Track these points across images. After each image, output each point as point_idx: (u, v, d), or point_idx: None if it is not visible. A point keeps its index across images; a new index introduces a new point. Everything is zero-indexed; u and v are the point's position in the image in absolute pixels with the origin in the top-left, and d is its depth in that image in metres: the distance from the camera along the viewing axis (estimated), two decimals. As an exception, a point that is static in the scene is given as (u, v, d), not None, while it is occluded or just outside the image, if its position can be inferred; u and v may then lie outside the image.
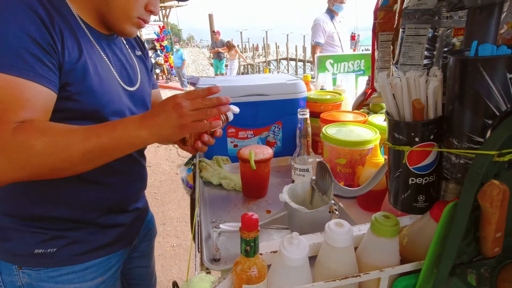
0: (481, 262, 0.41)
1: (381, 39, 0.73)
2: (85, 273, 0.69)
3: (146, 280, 0.97)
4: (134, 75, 0.74)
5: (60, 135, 0.49)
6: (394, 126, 0.49)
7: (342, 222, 0.47)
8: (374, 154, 0.76)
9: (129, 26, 0.65)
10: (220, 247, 0.65)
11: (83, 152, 0.49)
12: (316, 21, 2.60)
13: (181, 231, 2.49)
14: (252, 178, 0.87)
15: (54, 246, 0.65)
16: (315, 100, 1.13)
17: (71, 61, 0.56)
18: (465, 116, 0.41)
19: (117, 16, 0.63)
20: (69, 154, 0.49)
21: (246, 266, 0.42)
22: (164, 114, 0.52)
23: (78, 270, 0.67)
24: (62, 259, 0.65)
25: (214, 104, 0.54)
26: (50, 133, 0.49)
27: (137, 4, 0.62)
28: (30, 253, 0.63)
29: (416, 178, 0.49)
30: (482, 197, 0.36)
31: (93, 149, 0.50)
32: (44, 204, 0.63)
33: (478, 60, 0.38)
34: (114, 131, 0.51)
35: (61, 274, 0.66)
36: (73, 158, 0.49)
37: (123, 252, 0.78)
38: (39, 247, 0.64)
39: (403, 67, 0.57)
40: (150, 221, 0.94)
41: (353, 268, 0.47)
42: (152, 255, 0.99)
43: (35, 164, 0.48)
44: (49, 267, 0.65)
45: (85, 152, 0.50)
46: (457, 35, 0.54)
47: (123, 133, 0.51)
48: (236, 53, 8.97)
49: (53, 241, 0.65)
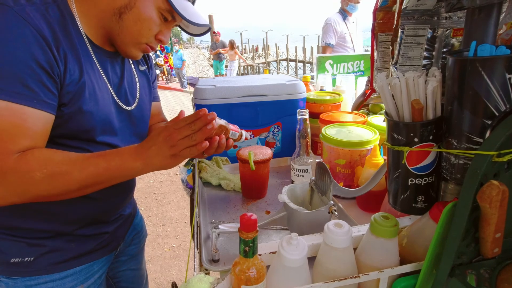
0: (480, 262, 0.41)
1: (380, 40, 0.73)
2: (64, 281, 0.67)
3: (136, 282, 0.94)
4: (133, 92, 0.73)
5: (59, 166, 0.51)
6: (393, 127, 0.49)
7: (341, 222, 0.47)
8: (374, 155, 0.75)
9: (136, 50, 0.65)
10: (219, 248, 0.65)
11: (80, 181, 0.52)
12: (327, 21, 2.51)
13: (180, 232, 2.49)
14: (252, 178, 0.87)
15: (31, 255, 0.63)
16: (314, 101, 1.13)
17: (71, 83, 0.56)
18: (464, 116, 0.41)
19: (126, 39, 0.63)
20: (67, 184, 0.52)
21: (245, 266, 0.42)
22: (155, 146, 0.55)
23: (56, 278, 0.66)
24: (40, 268, 0.64)
25: (200, 127, 0.55)
26: (50, 164, 0.51)
27: (149, 32, 0.63)
28: (6, 262, 0.62)
29: (415, 179, 0.49)
30: (481, 197, 0.36)
31: (90, 179, 0.53)
32: (22, 216, 0.62)
33: (477, 60, 0.38)
34: (111, 161, 0.54)
35: (39, 283, 0.65)
36: (70, 187, 0.52)
37: (107, 258, 0.76)
38: (15, 256, 0.62)
39: (402, 67, 0.57)
40: (139, 224, 0.91)
41: (352, 269, 0.47)
42: (142, 257, 0.97)
43: (33, 193, 0.51)
44: (26, 276, 0.64)
45: (82, 181, 0.52)
46: (456, 35, 0.54)
47: (120, 164, 0.54)
48: (236, 54, 8.98)
49: (30, 249, 0.63)
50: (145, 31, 0.62)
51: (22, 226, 0.63)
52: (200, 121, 0.55)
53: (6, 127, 0.49)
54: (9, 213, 0.61)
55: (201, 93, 1.01)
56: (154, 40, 0.65)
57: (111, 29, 0.62)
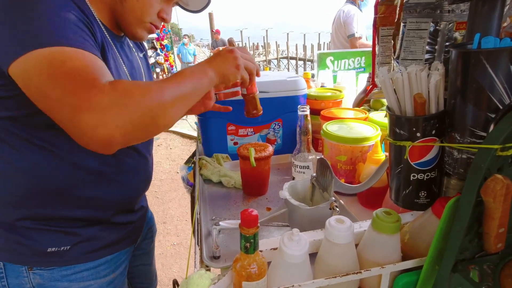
0: (483, 258, 0.41)
1: (382, 34, 0.72)
2: (98, 269, 0.68)
3: (148, 278, 0.97)
4: (140, 77, 0.76)
5: (148, 84, 0.51)
6: (395, 121, 0.48)
7: (343, 218, 0.46)
8: (375, 151, 0.75)
9: (141, 30, 0.67)
10: (220, 245, 0.65)
11: (172, 95, 0.52)
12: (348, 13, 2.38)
13: (181, 230, 2.49)
14: (252, 175, 0.86)
15: (67, 243, 0.64)
16: (315, 97, 1.12)
17: None
18: (468, 110, 0.40)
19: (131, 19, 0.64)
20: (163, 98, 0.50)
21: (245, 263, 0.42)
22: (221, 57, 0.63)
23: (91, 267, 0.67)
24: (75, 257, 0.65)
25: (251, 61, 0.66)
26: (139, 83, 0.51)
27: (151, 9, 0.64)
28: (42, 252, 0.62)
29: (417, 174, 0.48)
30: (485, 192, 0.35)
31: (177, 91, 0.53)
32: (60, 203, 0.62)
33: (481, 53, 0.37)
34: (185, 75, 0.56)
35: (75, 272, 0.65)
36: (165, 101, 0.51)
37: (129, 250, 0.78)
38: (52, 246, 0.62)
39: (404, 62, 0.57)
40: (151, 219, 0.94)
41: (354, 265, 0.46)
42: (153, 253, 0.99)
43: (137, 111, 0.48)
44: (62, 266, 0.64)
45: (174, 95, 0.52)
46: (459, 29, 0.53)
47: (193, 75, 0.57)
48: (236, 52, 8.96)
49: (66, 238, 0.64)
50: (147, 8, 0.63)
51: (59, 215, 0.63)
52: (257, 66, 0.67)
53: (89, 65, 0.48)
54: (46, 202, 0.61)
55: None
56: (157, 19, 0.67)
57: (116, 11, 0.64)
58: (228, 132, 1.04)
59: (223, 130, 1.04)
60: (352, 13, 2.39)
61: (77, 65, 0.47)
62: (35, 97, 0.48)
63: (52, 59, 0.46)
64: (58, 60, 0.46)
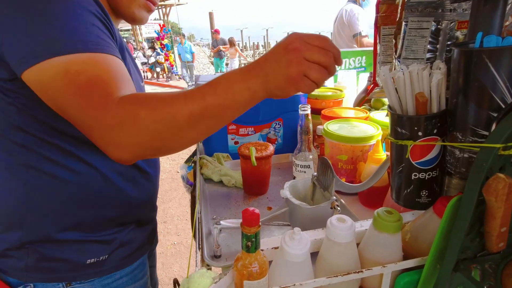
0: (485, 257, 0.41)
1: (384, 33, 0.72)
2: (135, 273, 0.68)
3: (154, 279, 0.96)
4: (139, 72, 0.74)
5: (162, 101, 0.44)
6: (396, 121, 0.48)
7: (344, 217, 0.46)
8: (376, 150, 0.75)
9: (137, 9, 0.62)
10: (221, 244, 0.65)
11: (188, 115, 0.43)
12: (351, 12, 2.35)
13: (181, 229, 2.49)
14: (253, 174, 0.86)
15: (106, 252, 0.62)
16: (316, 97, 1.12)
17: None
18: (470, 109, 0.40)
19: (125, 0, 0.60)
20: (175, 119, 0.43)
21: (247, 261, 0.42)
22: (275, 56, 0.43)
23: (128, 272, 0.66)
24: (114, 265, 0.63)
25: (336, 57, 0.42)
26: (152, 100, 0.44)
27: None
28: (82, 265, 0.59)
29: (419, 173, 0.48)
30: (487, 190, 0.35)
31: (198, 110, 0.43)
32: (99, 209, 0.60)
33: (484, 51, 0.37)
34: (217, 86, 0.44)
35: (115, 280, 0.64)
36: (179, 123, 0.43)
37: None
38: (92, 257, 0.60)
39: (406, 61, 0.57)
40: None
41: (355, 264, 0.46)
42: (156, 255, 0.98)
43: (144, 134, 0.43)
44: (102, 276, 0.62)
45: (190, 115, 0.43)
46: (461, 28, 0.53)
47: (228, 87, 0.44)
48: (236, 52, 8.95)
49: (105, 247, 0.62)
50: None
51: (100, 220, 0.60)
52: (336, 52, 0.42)
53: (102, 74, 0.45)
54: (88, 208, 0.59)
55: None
56: None
57: None
58: (229, 131, 1.04)
59: (223, 129, 1.04)
60: (356, 12, 2.37)
61: (92, 76, 0.44)
62: (52, 106, 0.48)
63: (67, 72, 0.43)
64: (72, 72, 0.43)
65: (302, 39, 0.42)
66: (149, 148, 0.46)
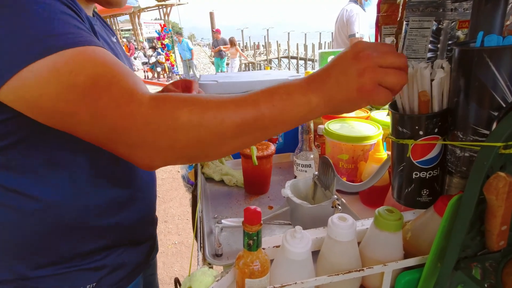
0: (486, 256, 0.41)
1: (385, 33, 0.73)
2: None
3: (155, 287, 0.93)
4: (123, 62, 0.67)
5: (208, 104, 0.38)
6: (398, 120, 0.48)
7: (345, 216, 0.46)
8: (377, 150, 0.75)
9: None
10: (222, 243, 0.65)
11: (238, 123, 0.38)
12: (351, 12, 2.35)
13: (182, 229, 2.50)
14: (254, 174, 0.87)
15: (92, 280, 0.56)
16: (317, 96, 1.12)
17: None
18: (470, 108, 0.40)
19: None
20: (221, 126, 0.38)
21: (248, 260, 0.42)
22: (339, 68, 0.39)
23: None
24: None
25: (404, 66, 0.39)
26: (196, 101, 0.38)
27: None
28: None
29: (420, 172, 0.49)
30: (487, 189, 0.36)
31: (250, 119, 0.39)
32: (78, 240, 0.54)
33: (485, 51, 0.37)
34: (274, 96, 0.39)
35: None
36: (225, 131, 0.38)
37: None
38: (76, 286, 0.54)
39: (407, 60, 0.57)
40: None
41: (357, 263, 0.47)
42: (156, 262, 0.95)
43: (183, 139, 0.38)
44: None
45: (240, 123, 0.38)
46: (462, 27, 0.53)
47: (286, 98, 0.39)
48: (237, 52, 8.95)
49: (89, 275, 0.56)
50: None
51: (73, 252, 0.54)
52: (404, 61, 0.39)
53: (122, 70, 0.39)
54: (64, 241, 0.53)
55: (203, 89, 1.01)
56: None
57: None
58: (230, 130, 1.04)
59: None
60: (355, 13, 2.37)
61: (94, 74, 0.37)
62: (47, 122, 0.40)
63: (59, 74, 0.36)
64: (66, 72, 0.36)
65: (371, 47, 0.39)
66: (185, 156, 0.41)
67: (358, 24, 2.33)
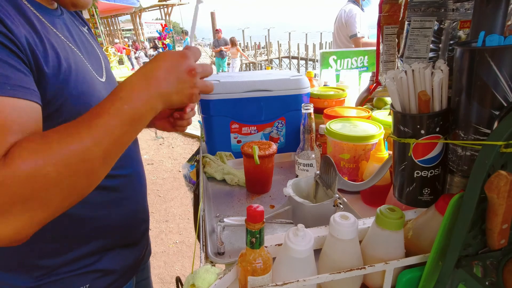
0: (487, 254, 0.41)
1: (386, 33, 0.73)
2: None
3: None
4: (97, 60, 0.61)
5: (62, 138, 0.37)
6: (399, 119, 0.49)
7: (347, 214, 0.47)
8: (378, 149, 0.75)
9: None
10: (224, 241, 0.66)
11: (103, 155, 0.39)
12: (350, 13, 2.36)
13: (183, 228, 2.50)
14: (256, 173, 0.87)
15: (86, 282, 0.56)
16: (318, 96, 1.13)
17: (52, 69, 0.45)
18: (472, 107, 0.41)
19: None
20: (90, 166, 0.38)
21: (251, 257, 0.43)
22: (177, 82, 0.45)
23: None
24: None
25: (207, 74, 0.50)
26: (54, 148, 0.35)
27: None
28: None
29: (421, 171, 0.49)
30: (489, 188, 0.36)
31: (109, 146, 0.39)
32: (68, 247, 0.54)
33: (486, 50, 0.37)
34: (122, 114, 0.40)
35: None
36: (92, 162, 0.38)
37: None
38: None
39: (408, 60, 0.57)
40: None
41: (358, 261, 0.47)
42: (149, 267, 0.94)
43: (57, 194, 0.36)
44: None
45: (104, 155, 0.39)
46: (463, 27, 0.53)
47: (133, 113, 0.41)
48: (238, 52, 8.95)
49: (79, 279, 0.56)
50: None
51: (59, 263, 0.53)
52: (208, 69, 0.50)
53: None
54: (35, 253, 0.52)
55: (205, 88, 1.01)
56: None
57: None
58: (232, 130, 1.05)
59: (226, 128, 1.04)
60: (354, 13, 2.37)
61: None
62: None
63: None
64: None
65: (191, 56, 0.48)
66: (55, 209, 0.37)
67: (358, 25, 2.33)
